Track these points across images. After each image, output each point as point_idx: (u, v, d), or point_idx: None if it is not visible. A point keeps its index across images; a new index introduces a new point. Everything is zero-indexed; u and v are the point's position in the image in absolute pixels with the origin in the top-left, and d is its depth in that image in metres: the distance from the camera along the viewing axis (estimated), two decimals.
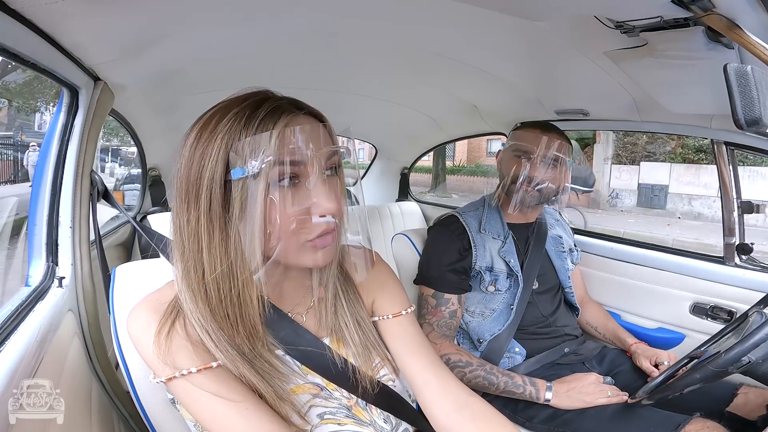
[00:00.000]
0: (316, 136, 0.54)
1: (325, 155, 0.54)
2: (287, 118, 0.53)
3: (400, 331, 0.70)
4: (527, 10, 0.80)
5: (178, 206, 0.54)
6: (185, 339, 0.56)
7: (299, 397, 0.61)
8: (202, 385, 0.54)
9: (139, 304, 0.60)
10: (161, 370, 0.55)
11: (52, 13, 0.67)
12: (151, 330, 0.56)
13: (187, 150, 0.53)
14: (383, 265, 0.76)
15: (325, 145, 0.54)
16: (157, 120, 1.67)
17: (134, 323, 0.58)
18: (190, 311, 0.56)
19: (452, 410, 0.64)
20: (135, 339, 0.58)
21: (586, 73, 1.07)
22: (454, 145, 14.47)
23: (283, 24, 0.98)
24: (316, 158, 0.53)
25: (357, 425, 0.64)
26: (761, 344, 0.70)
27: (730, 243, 1.30)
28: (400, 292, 0.74)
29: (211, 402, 0.54)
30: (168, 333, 0.55)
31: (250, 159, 0.50)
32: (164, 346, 0.55)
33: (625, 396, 1.02)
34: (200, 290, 0.54)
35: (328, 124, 0.57)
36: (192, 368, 0.54)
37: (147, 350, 0.56)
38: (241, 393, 0.55)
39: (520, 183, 1.18)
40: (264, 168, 0.50)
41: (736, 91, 0.61)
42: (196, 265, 0.54)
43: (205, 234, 0.52)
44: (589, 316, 1.41)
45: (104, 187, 1.03)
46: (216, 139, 0.51)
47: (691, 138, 9.84)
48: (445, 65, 1.23)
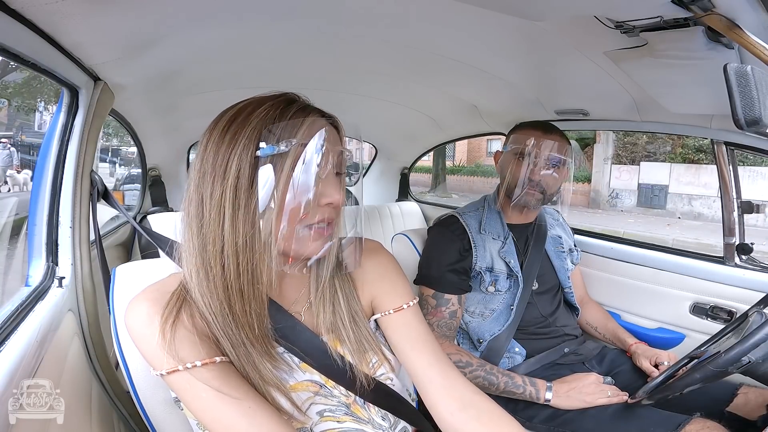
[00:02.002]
0: (334, 137, 0.61)
1: (338, 153, 0.60)
2: (314, 116, 0.59)
3: (402, 325, 0.69)
4: (527, 10, 0.80)
5: (200, 181, 0.57)
6: (191, 330, 0.56)
7: (299, 394, 0.61)
8: (205, 379, 0.54)
9: (139, 296, 0.59)
10: (163, 362, 0.54)
11: (52, 13, 0.67)
12: (154, 322, 0.55)
13: (217, 131, 0.57)
14: (385, 256, 0.75)
15: (339, 145, 0.62)
16: (157, 120, 1.67)
17: (134, 315, 0.57)
18: (200, 293, 0.56)
19: (457, 409, 0.63)
20: (134, 332, 0.57)
21: (586, 73, 1.07)
22: (454, 145, 14.48)
23: (283, 24, 0.98)
24: (332, 154, 0.59)
25: (355, 423, 0.64)
26: (761, 344, 0.70)
27: (730, 243, 1.30)
28: (402, 284, 0.72)
29: (212, 398, 0.54)
30: (173, 322, 0.55)
31: (281, 140, 0.55)
32: (169, 336, 0.54)
33: (625, 396, 1.02)
34: (217, 265, 0.55)
35: (342, 129, 0.64)
36: (196, 362, 0.54)
37: (146, 343, 0.56)
38: (243, 391, 0.55)
39: (520, 184, 1.19)
40: (292, 149, 0.55)
41: (736, 91, 0.61)
42: (216, 238, 0.55)
43: (229, 207, 0.55)
44: (589, 316, 1.41)
45: (104, 187, 1.03)
46: (251, 122, 0.56)
47: (691, 138, 9.84)
48: (445, 65, 1.23)
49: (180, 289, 0.59)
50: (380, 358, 0.68)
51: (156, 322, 0.55)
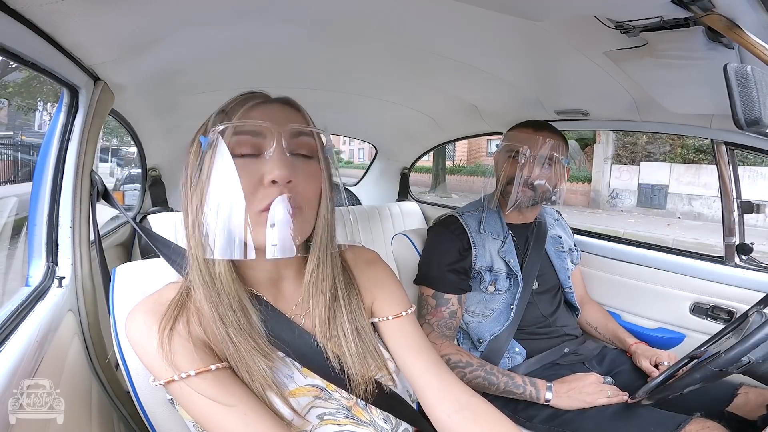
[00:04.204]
0: (281, 116, 0.58)
1: (287, 133, 0.57)
2: (255, 102, 0.58)
3: (400, 332, 0.70)
4: (527, 10, 0.80)
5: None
6: (186, 338, 0.56)
7: (299, 399, 0.61)
8: (200, 389, 0.54)
9: (137, 308, 0.60)
10: (162, 372, 0.55)
11: (52, 13, 0.67)
12: (152, 332, 0.56)
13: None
14: (382, 266, 0.76)
15: (289, 124, 0.57)
16: (157, 120, 1.67)
17: (133, 326, 0.58)
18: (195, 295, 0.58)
19: (454, 411, 0.64)
20: (134, 342, 0.58)
21: (586, 73, 1.07)
22: (454, 145, 14.48)
23: (283, 24, 0.98)
24: (277, 134, 0.56)
25: (356, 425, 0.64)
26: (761, 344, 0.71)
27: (730, 243, 1.30)
28: (400, 293, 0.74)
29: (209, 406, 0.54)
30: (170, 331, 0.56)
31: (211, 128, 0.56)
32: (167, 345, 0.55)
33: (625, 396, 1.02)
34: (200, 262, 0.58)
35: (304, 112, 0.62)
36: (191, 371, 0.54)
37: (146, 353, 0.56)
38: (239, 397, 0.55)
39: (515, 183, 1.18)
40: (219, 135, 0.55)
41: (736, 91, 0.60)
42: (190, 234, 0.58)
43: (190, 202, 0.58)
44: (589, 317, 1.41)
45: (104, 187, 1.03)
46: (207, 120, 0.60)
47: (691, 138, 9.84)
48: (445, 65, 1.23)
49: (178, 297, 0.60)
50: (380, 368, 0.68)
51: (153, 333, 0.55)
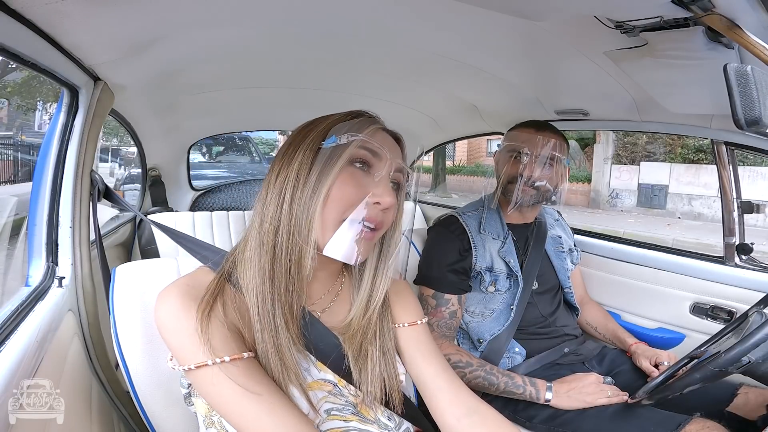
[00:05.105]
0: (395, 149, 0.67)
1: (396, 165, 0.65)
2: (378, 126, 0.67)
3: (415, 338, 0.75)
4: (527, 10, 0.80)
5: (274, 166, 0.64)
6: (222, 322, 0.57)
7: (315, 392, 0.63)
8: (231, 375, 0.54)
9: (170, 288, 0.59)
10: (193, 356, 0.54)
11: (52, 13, 0.67)
12: (189, 313, 0.56)
13: (294, 134, 0.66)
14: (401, 281, 0.81)
15: (399, 159, 0.66)
16: (157, 120, 1.67)
17: (165, 307, 0.57)
18: (248, 269, 0.60)
19: (462, 415, 0.68)
20: (163, 324, 0.57)
21: (586, 73, 1.06)
22: (454, 145, 14.48)
23: (283, 25, 0.98)
24: (390, 162, 0.64)
25: (361, 422, 0.65)
26: (761, 344, 0.71)
27: (730, 243, 1.30)
28: (416, 304, 0.79)
29: (237, 394, 0.54)
30: (209, 312, 0.56)
31: (343, 134, 0.62)
32: (206, 327, 0.55)
33: (625, 396, 1.02)
34: (269, 242, 0.60)
35: (405, 148, 0.70)
36: (225, 357, 0.55)
37: (177, 335, 0.56)
38: (266, 387, 0.56)
39: (516, 183, 1.18)
40: (352, 143, 0.61)
41: (736, 91, 0.60)
42: (273, 216, 0.61)
43: (289, 190, 0.60)
44: (589, 317, 1.41)
45: (105, 186, 1.03)
46: (322, 124, 0.65)
47: (691, 138, 9.84)
48: (445, 65, 1.23)
49: (217, 281, 0.61)
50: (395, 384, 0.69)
51: (191, 314, 0.56)
